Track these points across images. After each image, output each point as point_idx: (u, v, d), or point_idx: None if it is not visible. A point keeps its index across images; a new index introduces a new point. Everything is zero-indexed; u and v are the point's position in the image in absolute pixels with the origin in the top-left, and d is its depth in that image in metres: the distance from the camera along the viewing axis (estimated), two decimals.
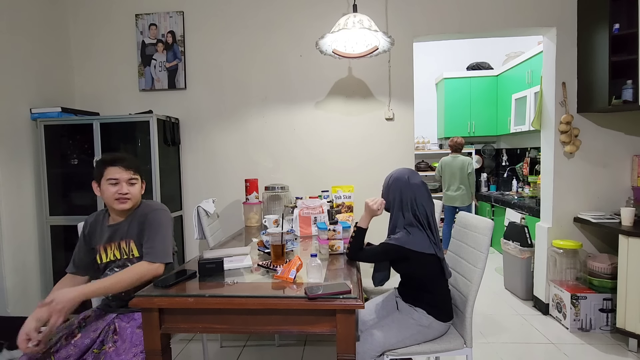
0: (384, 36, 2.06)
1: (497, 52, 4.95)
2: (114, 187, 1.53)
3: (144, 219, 1.55)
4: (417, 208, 1.55)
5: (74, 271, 1.61)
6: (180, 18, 2.92)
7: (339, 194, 2.65)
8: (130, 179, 1.55)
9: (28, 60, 2.62)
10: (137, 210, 1.59)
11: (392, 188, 1.63)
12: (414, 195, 1.56)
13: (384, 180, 1.70)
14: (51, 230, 2.69)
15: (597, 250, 2.74)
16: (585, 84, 2.60)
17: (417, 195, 1.56)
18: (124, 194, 1.53)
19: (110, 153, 1.67)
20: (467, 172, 4.09)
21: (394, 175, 1.65)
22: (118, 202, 1.53)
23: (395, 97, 2.85)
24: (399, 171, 1.65)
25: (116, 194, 1.53)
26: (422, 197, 1.57)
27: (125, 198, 1.54)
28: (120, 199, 1.53)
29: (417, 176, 1.62)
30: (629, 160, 2.69)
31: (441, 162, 4.30)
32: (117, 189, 1.53)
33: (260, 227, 2.55)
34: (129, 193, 1.54)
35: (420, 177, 1.65)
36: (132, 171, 1.56)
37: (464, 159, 4.14)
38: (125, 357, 1.32)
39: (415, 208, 1.55)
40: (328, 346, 2.42)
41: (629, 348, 2.29)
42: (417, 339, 1.52)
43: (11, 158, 2.49)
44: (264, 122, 2.95)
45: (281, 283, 1.36)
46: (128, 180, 1.54)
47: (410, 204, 1.56)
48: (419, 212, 1.54)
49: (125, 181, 1.54)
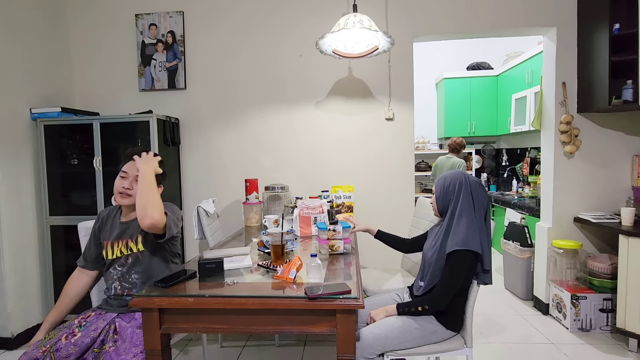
0: (384, 36, 2.06)
1: (497, 52, 4.95)
2: (122, 180, 1.54)
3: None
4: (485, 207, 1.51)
5: (83, 264, 1.64)
6: (180, 18, 2.92)
7: (339, 194, 2.66)
8: (137, 175, 1.53)
9: (28, 60, 2.62)
10: None
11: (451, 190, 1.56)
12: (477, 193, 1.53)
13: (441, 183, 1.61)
14: (51, 230, 2.69)
15: (597, 250, 2.74)
16: (585, 84, 2.60)
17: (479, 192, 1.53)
18: (126, 188, 1.52)
19: (138, 147, 1.65)
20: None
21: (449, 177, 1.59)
22: (120, 196, 1.53)
23: (395, 97, 2.85)
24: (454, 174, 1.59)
25: (120, 187, 1.53)
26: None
27: (127, 193, 1.53)
28: (123, 193, 1.53)
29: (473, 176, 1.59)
30: (629, 160, 2.69)
31: (436, 161, 4.34)
32: (122, 183, 1.53)
33: (260, 227, 2.55)
34: (131, 189, 1.53)
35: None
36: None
37: (455, 160, 4.12)
38: (126, 356, 1.32)
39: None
40: (328, 346, 2.42)
41: (629, 348, 2.29)
42: (419, 342, 1.51)
43: (11, 158, 2.49)
44: (264, 122, 2.95)
45: (281, 283, 1.36)
46: (136, 177, 1.53)
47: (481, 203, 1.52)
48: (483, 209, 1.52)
49: (133, 177, 1.54)
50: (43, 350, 1.36)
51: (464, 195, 1.51)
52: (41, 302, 2.65)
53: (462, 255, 1.44)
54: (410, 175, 2.87)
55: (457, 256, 1.44)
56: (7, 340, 2.44)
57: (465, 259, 1.44)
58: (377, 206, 2.89)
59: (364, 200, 2.88)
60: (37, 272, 2.66)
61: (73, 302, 1.61)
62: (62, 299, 1.59)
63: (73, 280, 1.63)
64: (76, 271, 1.65)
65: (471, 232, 1.46)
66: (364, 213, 2.87)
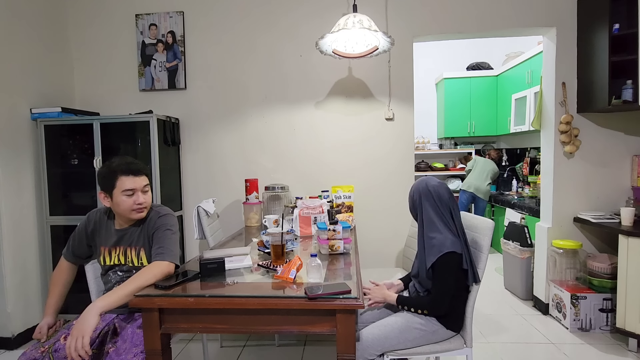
0: (384, 36, 2.06)
1: (497, 52, 4.95)
2: (131, 198, 1.46)
3: (153, 226, 1.53)
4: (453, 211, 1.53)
5: (74, 260, 1.64)
6: (180, 18, 2.92)
7: (339, 194, 2.66)
8: (145, 186, 1.50)
9: (28, 61, 2.62)
10: (146, 216, 1.57)
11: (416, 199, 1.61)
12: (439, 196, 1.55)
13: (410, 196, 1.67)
14: (51, 230, 2.69)
15: (597, 250, 2.74)
16: (585, 84, 2.60)
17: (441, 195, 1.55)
18: (140, 204, 1.48)
19: (118, 159, 1.52)
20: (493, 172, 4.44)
21: (413, 188, 1.64)
22: (136, 212, 1.49)
23: (395, 97, 2.85)
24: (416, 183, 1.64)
25: (134, 205, 1.47)
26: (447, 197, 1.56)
27: (143, 207, 1.50)
28: (137, 209, 1.49)
29: (434, 179, 1.61)
30: (629, 160, 2.69)
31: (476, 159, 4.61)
32: (134, 200, 1.46)
33: (260, 227, 2.55)
34: (145, 202, 1.49)
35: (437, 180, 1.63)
36: (145, 177, 1.51)
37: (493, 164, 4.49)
38: (126, 357, 1.32)
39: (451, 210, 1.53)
40: (328, 346, 2.42)
41: (628, 348, 2.29)
42: (419, 342, 1.51)
43: (11, 158, 2.49)
44: (264, 122, 2.95)
45: (281, 283, 1.36)
46: (143, 188, 1.49)
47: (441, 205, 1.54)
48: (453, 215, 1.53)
49: (140, 190, 1.48)
50: (42, 350, 1.36)
51: (427, 202, 1.56)
52: (41, 302, 2.65)
53: (444, 259, 1.45)
54: (410, 175, 2.87)
55: (440, 263, 1.45)
56: (7, 340, 2.45)
57: (450, 262, 1.45)
58: (377, 206, 2.89)
59: (364, 200, 2.88)
60: (37, 272, 2.66)
61: (66, 289, 1.62)
62: (56, 287, 1.59)
63: (62, 269, 1.62)
64: (64, 262, 1.63)
65: (443, 235, 1.48)
66: (364, 213, 2.87)
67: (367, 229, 2.87)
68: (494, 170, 4.42)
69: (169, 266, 1.44)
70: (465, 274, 1.51)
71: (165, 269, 1.42)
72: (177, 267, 1.52)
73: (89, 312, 1.24)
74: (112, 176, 1.47)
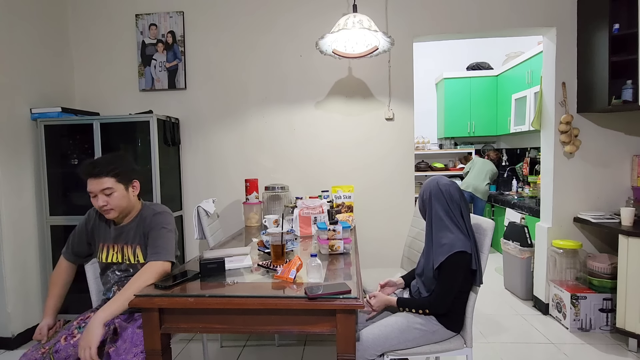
0: (384, 36, 2.06)
1: (497, 52, 4.95)
2: (95, 200, 1.48)
3: (148, 224, 1.54)
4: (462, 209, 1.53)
5: (73, 260, 1.64)
6: (180, 18, 2.92)
7: (339, 194, 2.66)
8: (104, 189, 1.47)
9: (28, 60, 2.62)
10: (140, 214, 1.59)
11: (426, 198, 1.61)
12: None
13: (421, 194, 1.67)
14: (51, 230, 2.69)
15: (597, 250, 2.74)
16: (585, 84, 2.60)
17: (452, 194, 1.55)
18: (102, 206, 1.48)
19: (86, 161, 1.53)
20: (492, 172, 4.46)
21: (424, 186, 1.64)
22: (105, 213, 1.51)
23: (395, 97, 2.85)
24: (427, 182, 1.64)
25: (98, 208, 1.49)
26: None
27: (108, 209, 1.49)
28: (105, 211, 1.50)
29: (445, 178, 1.61)
30: (629, 160, 2.69)
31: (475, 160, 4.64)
32: (95, 202, 1.48)
33: (260, 227, 2.55)
34: (107, 204, 1.48)
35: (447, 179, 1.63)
36: (106, 179, 1.47)
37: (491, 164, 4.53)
38: (126, 357, 1.32)
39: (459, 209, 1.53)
40: (328, 346, 2.42)
41: (628, 348, 2.29)
42: (419, 342, 1.51)
43: (11, 158, 2.49)
44: (264, 122, 2.95)
45: (281, 283, 1.36)
46: (102, 192, 1.47)
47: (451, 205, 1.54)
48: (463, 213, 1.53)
49: (99, 192, 1.47)
50: (42, 351, 1.36)
51: (437, 202, 1.55)
52: (41, 302, 2.65)
53: (453, 259, 1.44)
54: (410, 175, 2.87)
55: (449, 262, 1.45)
56: (7, 340, 2.45)
57: (459, 261, 1.45)
58: (377, 206, 2.89)
59: (364, 200, 2.88)
60: (37, 272, 2.66)
61: (65, 289, 1.62)
62: (55, 287, 1.60)
63: (62, 270, 1.63)
64: (63, 262, 1.64)
65: (454, 235, 1.48)
66: (364, 213, 2.87)
67: (367, 229, 2.87)
68: (493, 170, 4.43)
69: (163, 265, 1.45)
70: (473, 275, 1.51)
71: (160, 269, 1.43)
72: (173, 264, 1.52)
73: (93, 323, 1.27)
74: (82, 179, 1.50)
